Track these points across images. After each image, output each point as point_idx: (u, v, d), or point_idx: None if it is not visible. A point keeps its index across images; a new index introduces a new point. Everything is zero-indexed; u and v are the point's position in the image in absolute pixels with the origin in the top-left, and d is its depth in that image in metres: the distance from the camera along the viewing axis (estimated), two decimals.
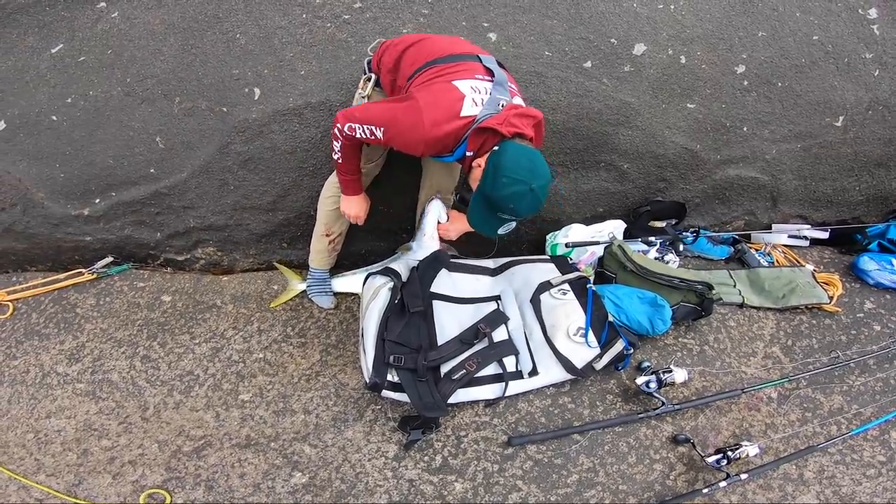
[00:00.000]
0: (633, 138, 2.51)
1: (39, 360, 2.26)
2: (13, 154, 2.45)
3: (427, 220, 2.22)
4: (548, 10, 2.36)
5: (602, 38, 2.38)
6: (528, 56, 2.34)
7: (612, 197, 2.67)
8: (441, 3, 2.31)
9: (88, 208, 2.50)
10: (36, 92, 2.42)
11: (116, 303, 2.48)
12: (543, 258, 2.33)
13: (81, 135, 2.41)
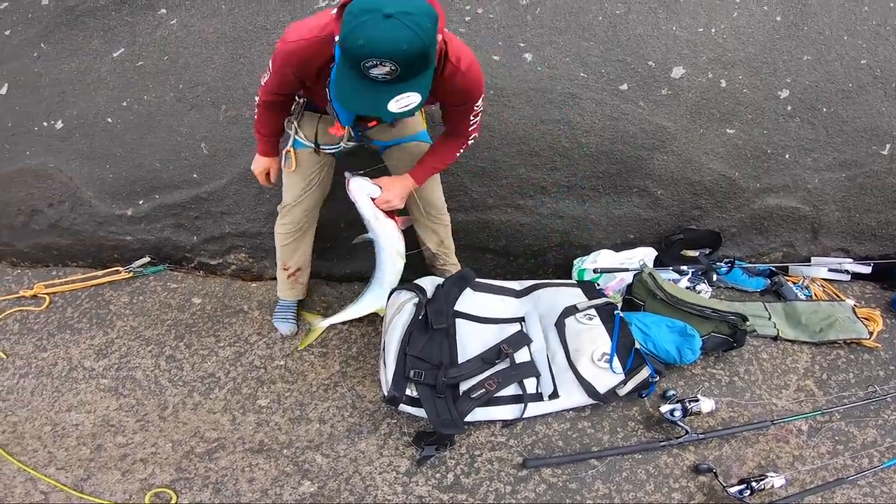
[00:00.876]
0: (669, 164, 2.45)
1: (68, 354, 2.33)
2: (67, 153, 2.58)
3: (361, 207, 1.97)
4: (584, 31, 2.36)
5: (639, 60, 2.36)
6: (563, 77, 2.33)
7: (644, 223, 2.61)
8: (478, 23, 2.33)
9: (132, 209, 2.60)
10: (95, 94, 2.55)
11: (149, 302, 2.55)
12: (570, 282, 2.31)
13: (133, 137, 2.52)
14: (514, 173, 2.43)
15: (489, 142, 2.37)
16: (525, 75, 2.32)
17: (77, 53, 2.58)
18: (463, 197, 2.47)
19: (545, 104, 2.34)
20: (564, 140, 2.38)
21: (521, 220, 2.53)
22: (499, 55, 2.32)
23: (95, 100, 2.54)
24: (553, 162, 2.42)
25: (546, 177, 2.45)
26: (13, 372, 2.27)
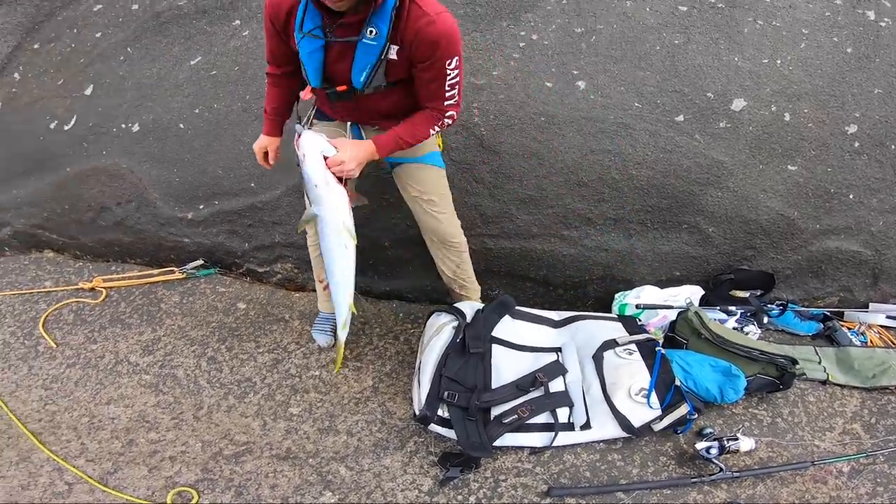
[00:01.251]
0: (723, 200, 2.37)
1: (116, 348, 2.44)
2: (140, 155, 2.75)
3: (309, 166, 1.66)
4: (641, 61, 2.34)
5: (698, 91, 2.31)
6: (616, 106, 2.32)
7: (692, 261, 2.52)
8: (532, 49, 2.36)
9: (192, 212, 2.72)
10: (171, 100, 2.72)
11: (198, 303, 2.65)
12: (610, 316, 2.29)
13: (201, 144, 2.66)
14: (560, 203, 2.41)
15: (537, 170, 2.36)
16: (577, 103, 2.32)
17: (159, 59, 2.77)
18: (507, 224, 2.46)
19: (596, 134, 2.32)
20: (614, 171, 2.35)
21: (563, 251, 2.49)
22: (552, 82, 2.33)
23: (171, 105, 2.71)
24: (601, 193, 2.38)
25: (593, 208, 2.41)
26: (61, 361, 2.39)
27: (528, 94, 2.33)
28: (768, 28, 2.35)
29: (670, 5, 2.38)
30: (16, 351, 2.47)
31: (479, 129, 2.35)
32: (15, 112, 3.05)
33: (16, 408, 2.17)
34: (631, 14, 2.37)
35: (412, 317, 2.55)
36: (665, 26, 2.36)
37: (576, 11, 2.39)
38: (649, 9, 2.38)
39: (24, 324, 2.61)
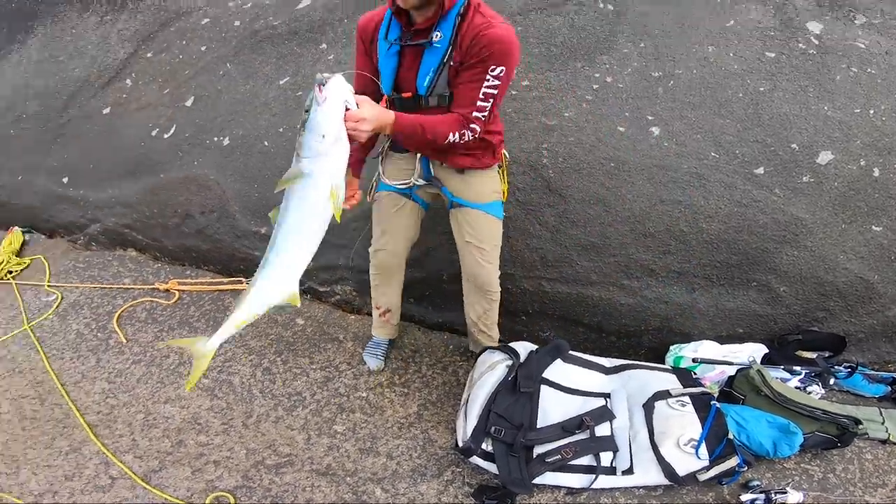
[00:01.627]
0: (798, 260, 2.27)
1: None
2: (227, 169, 2.96)
3: (329, 112, 1.44)
4: (721, 108, 2.30)
5: (781, 142, 2.25)
6: (691, 155, 2.28)
7: (757, 319, 2.41)
8: (606, 91, 2.38)
9: (266, 227, 2.88)
10: (260, 117, 2.93)
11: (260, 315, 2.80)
12: (664, 367, 2.27)
13: (282, 163, 2.81)
14: (623, 252, 2.38)
15: (602, 217, 2.35)
16: (650, 150, 2.30)
17: (253, 77, 3.00)
18: (567, 269, 2.45)
19: (668, 183, 2.29)
20: (683, 224, 2.30)
21: (621, 300, 2.45)
22: (624, 126, 2.33)
23: (259, 123, 2.92)
24: (667, 245, 2.34)
25: (657, 260, 2.36)
26: (128, 356, 2.58)
27: (599, 138, 2.33)
28: (862, 76, 2.27)
29: (756, 51, 2.34)
30: (88, 342, 2.69)
31: (546, 171, 2.38)
32: (123, 117, 3.39)
33: (77, 398, 2.35)
34: (713, 59, 2.35)
35: (461, 349, 2.58)
36: (749, 73, 2.32)
37: (654, 55, 2.40)
38: (733, 54, 2.35)
39: (100, 317, 2.86)
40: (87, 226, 3.53)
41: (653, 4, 2.49)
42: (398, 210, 2.10)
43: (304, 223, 1.57)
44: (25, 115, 3.83)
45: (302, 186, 1.51)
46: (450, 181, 2.00)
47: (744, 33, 2.38)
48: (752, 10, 2.42)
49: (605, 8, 2.51)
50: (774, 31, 2.37)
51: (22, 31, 4.06)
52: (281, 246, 1.59)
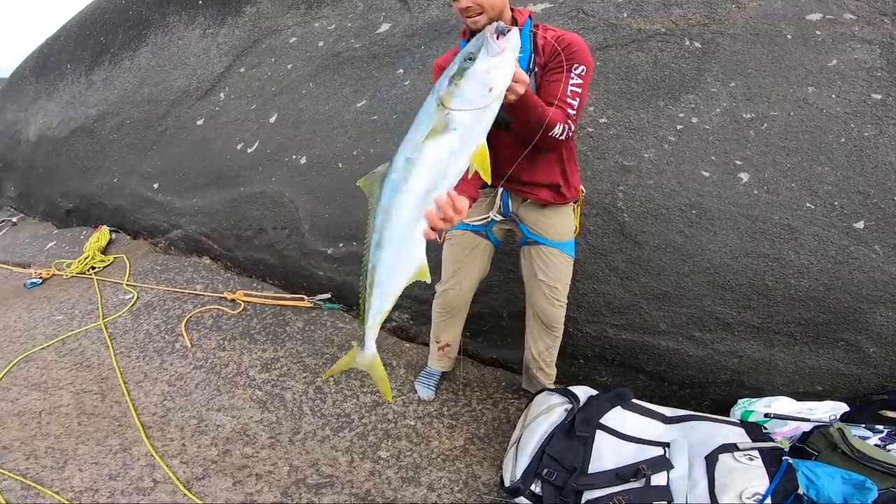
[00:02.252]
0: (894, 321, 2.11)
1: (240, 359, 2.72)
2: (302, 187, 3.10)
3: (503, 61, 1.30)
4: (820, 154, 2.18)
5: (885, 194, 2.10)
6: (783, 205, 2.17)
7: (841, 378, 2.25)
8: (690, 132, 2.30)
9: (332, 249, 2.99)
10: (336, 139, 3.05)
11: (318, 333, 2.90)
12: (731, 420, 2.15)
13: (352, 186, 2.91)
14: (697, 304, 2.28)
15: (679, 266, 2.27)
16: (737, 198, 2.21)
17: (332, 98, 3.14)
18: (634, 316, 2.38)
19: (755, 234, 2.19)
20: (769, 278, 2.18)
21: (690, 351, 2.34)
22: (709, 171, 2.25)
23: (335, 144, 3.04)
24: (748, 300, 2.22)
25: (734, 314, 2.25)
26: (190, 361, 2.71)
27: (681, 182, 2.26)
28: None
29: (861, 93, 2.22)
30: (155, 343, 2.86)
31: (621, 215, 2.32)
32: (214, 129, 3.65)
33: (137, 397, 2.48)
34: (812, 101, 2.24)
35: (514, 387, 2.54)
36: (853, 116, 2.20)
37: (745, 95, 2.31)
38: (835, 96, 2.23)
39: (170, 320, 3.05)
40: (169, 231, 3.81)
41: (746, 43, 2.40)
42: (473, 249, 2.14)
43: (441, 181, 1.35)
44: (129, 120, 4.20)
45: (447, 140, 1.31)
46: (528, 217, 2.04)
47: (848, 73, 2.26)
48: (857, 48, 2.30)
49: (691, 45, 2.45)
50: (881, 72, 2.24)
51: (135, 38, 4.47)
52: (402, 211, 1.38)
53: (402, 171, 1.36)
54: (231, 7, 3.88)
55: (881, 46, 2.28)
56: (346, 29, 3.24)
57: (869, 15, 2.36)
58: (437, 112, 1.31)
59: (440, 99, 1.31)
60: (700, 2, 2.51)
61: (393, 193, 1.38)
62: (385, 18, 3.10)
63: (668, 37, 2.48)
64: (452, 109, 1.30)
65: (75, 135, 4.78)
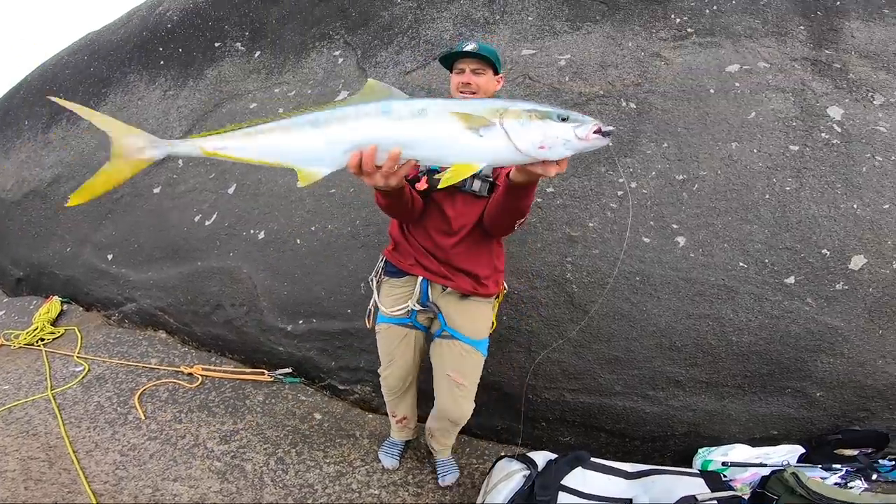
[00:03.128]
0: (835, 367, 2.24)
1: (198, 431, 2.69)
2: (260, 263, 3.11)
3: (573, 146, 1.29)
4: (748, 212, 2.31)
5: (811, 248, 2.25)
6: (719, 267, 2.29)
7: (793, 422, 2.37)
8: (631, 197, 2.43)
9: (292, 326, 2.99)
10: (294, 213, 3.07)
11: (279, 406, 2.90)
12: (691, 471, 2.20)
13: (311, 263, 2.94)
14: (648, 365, 2.37)
15: (627, 332, 2.36)
16: (676, 262, 2.32)
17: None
18: (589, 381, 2.45)
19: (695, 297, 2.30)
20: (712, 337, 2.29)
21: (646, 409, 2.43)
22: (649, 237, 2.37)
23: (293, 219, 3.06)
24: (694, 358, 2.33)
25: (683, 371, 2.35)
26: (144, 432, 2.67)
27: (624, 250, 2.37)
28: (888, 165, 2.28)
29: (780, 145, 2.37)
30: (107, 415, 2.80)
31: (570, 286, 2.42)
32: (171, 199, 3.62)
33: (87, 466, 2.41)
34: (737, 157, 2.38)
35: (478, 452, 2.59)
36: (775, 170, 2.34)
37: (677, 156, 2.45)
38: (757, 150, 2.38)
39: (123, 392, 2.99)
40: (124, 304, 3.76)
41: (675, 101, 2.56)
42: (402, 341, 2.16)
43: (413, 147, 1.32)
44: None
45: (465, 135, 1.29)
46: (448, 307, 2.04)
47: (766, 125, 2.43)
48: (773, 98, 2.47)
49: (627, 106, 2.60)
50: (797, 121, 2.41)
51: (95, 96, 4.45)
52: (359, 122, 1.33)
53: (408, 107, 1.31)
54: (193, 69, 3.94)
55: (794, 94, 2.46)
56: (306, 96, 3.32)
57: (780, 62, 2.55)
58: (488, 113, 1.30)
59: (503, 111, 1.30)
60: (633, 61, 2.69)
61: (379, 109, 1.31)
62: (344, 86, 3.20)
63: (606, 98, 2.63)
64: (501, 125, 1.29)
65: (28, 198, 4.70)
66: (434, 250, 1.98)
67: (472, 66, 1.94)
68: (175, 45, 4.15)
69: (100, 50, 4.72)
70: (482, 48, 1.94)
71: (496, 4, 3.06)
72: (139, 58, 4.34)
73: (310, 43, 3.51)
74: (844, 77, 2.52)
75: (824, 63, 2.56)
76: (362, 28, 3.34)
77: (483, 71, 1.95)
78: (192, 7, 4.11)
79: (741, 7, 2.76)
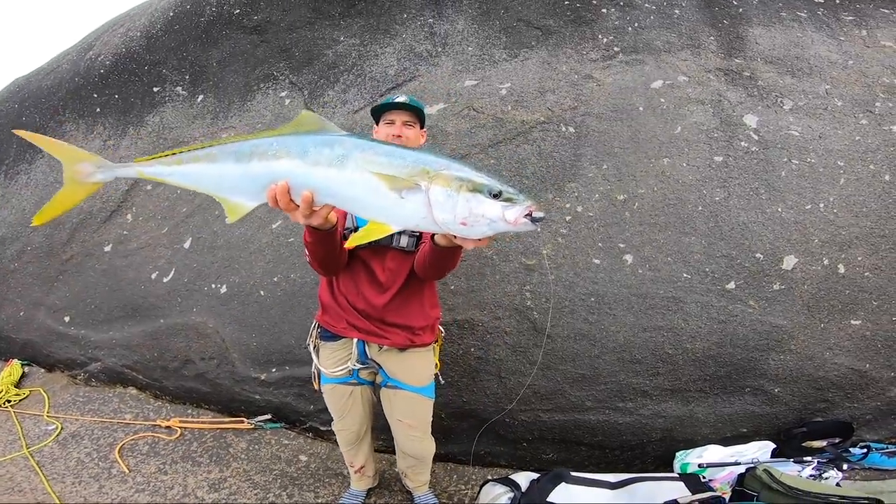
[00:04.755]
0: (786, 362, 2.36)
1: (185, 481, 2.64)
2: (225, 317, 3.01)
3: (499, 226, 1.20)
4: (685, 225, 2.39)
5: (746, 253, 2.35)
6: (665, 280, 2.37)
7: (759, 419, 2.48)
8: (578, 222, 2.50)
9: (265, 374, 2.93)
10: (255, 265, 2.98)
11: (263, 451, 2.87)
12: (671, 476, 2.26)
13: (277, 313, 2.88)
14: (613, 379, 2.44)
15: (589, 350, 2.42)
16: (626, 279, 2.40)
17: (246, 220, 3.05)
18: (561, 399, 2.51)
19: (647, 310, 2.37)
20: (668, 347, 2.38)
21: (619, 420, 2.50)
22: (599, 258, 2.44)
23: (254, 270, 2.98)
24: (655, 368, 2.40)
25: (647, 381, 2.43)
26: (131, 485, 2.61)
27: (577, 273, 2.44)
28: (804, 167, 2.39)
29: (705, 157, 2.46)
30: (89, 470, 2.72)
31: (531, 314, 2.47)
32: (123, 256, 3.46)
33: None
34: (669, 173, 2.47)
35: (465, 478, 2.63)
36: (704, 182, 2.43)
37: (616, 176, 2.52)
38: (686, 164, 2.47)
39: (101, 448, 2.90)
40: (87, 364, 3.60)
41: (609, 121, 2.62)
42: (349, 398, 2.14)
43: (327, 194, 1.26)
44: (30, 247, 3.92)
45: (384, 194, 1.19)
46: (388, 363, 2.02)
47: (691, 139, 2.52)
48: (695, 111, 2.56)
49: (566, 131, 2.66)
50: (717, 132, 2.51)
51: (30, 148, 4.19)
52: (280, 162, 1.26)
53: (327, 152, 1.22)
54: (132, 116, 3.77)
55: (712, 105, 2.55)
56: None
57: (697, 74, 2.64)
58: (417, 174, 1.17)
59: (433, 174, 1.17)
60: (567, 84, 2.74)
61: (299, 149, 1.24)
62: None
63: (547, 125, 2.68)
64: (427, 191, 1.17)
65: None
66: (366, 309, 1.94)
67: (403, 118, 1.92)
68: (111, 92, 3.95)
69: (30, 97, 4.44)
70: (412, 101, 1.94)
71: (437, 37, 3.07)
72: (73, 105, 4.11)
73: (254, 84, 3.43)
74: (755, 84, 2.63)
75: (735, 72, 2.66)
76: (307, 67, 3.29)
77: (413, 124, 1.95)
78: (125, 51, 3.92)
79: (658, 22, 2.83)
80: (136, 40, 3.87)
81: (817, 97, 2.59)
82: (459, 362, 2.56)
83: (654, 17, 2.87)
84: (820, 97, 2.60)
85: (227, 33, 3.56)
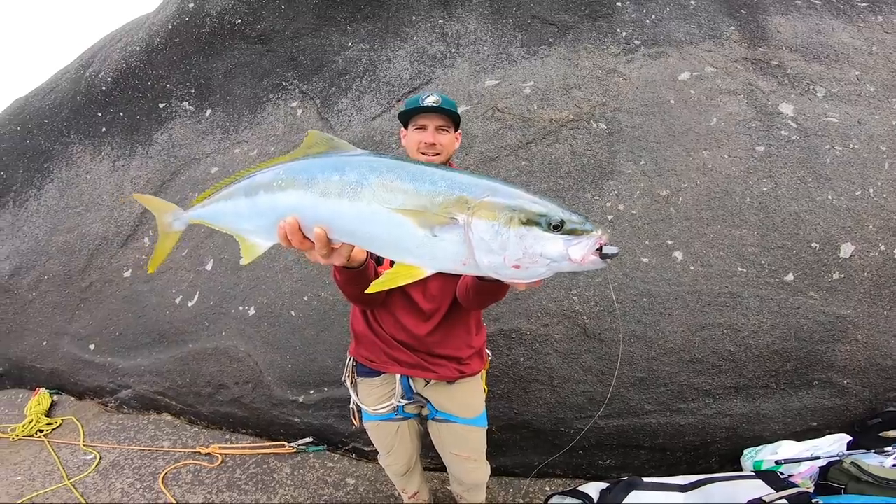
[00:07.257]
0: (854, 353, 2.22)
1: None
2: (256, 339, 2.85)
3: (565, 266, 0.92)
4: (734, 218, 2.26)
5: (801, 243, 2.22)
6: (719, 275, 2.23)
7: (829, 411, 2.33)
8: (621, 220, 2.34)
9: (303, 396, 2.78)
10: (282, 284, 2.81)
11: (308, 476, 2.72)
12: (745, 474, 2.16)
13: (311, 333, 2.71)
14: (673, 381, 2.30)
15: (646, 352, 2.28)
16: (678, 277, 2.25)
17: None
18: (619, 405, 2.37)
19: (704, 307, 2.23)
20: (729, 344, 2.24)
21: (681, 421, 2.37)
22: (647, 257, 2.29)
23: (282, 290, 2.80)
24: (717, 367, 2.27)
25: (710, 381, 2.29)
26: None
27: (626, 274, 2.29)
28: (849, 153, 2.27)
29: (746, 148, 2.34)
30: (135, 500, 2.60)
31: (581, 318, 2.32)
32: (144, 282, 3.29)
33: None
34: (711, 165, 2.34)
35: (522, 492, 2.49)
36: (748, 173, 2.30)
37: (656, 172, 2.37)
38: (727, 155, 2.34)
39: (144, 477, 2.78)
40: (118, 391, 3.45)
41: (641, 116, 2.49)
42: (395, 434, 1.91)
43: (346, 232, 0.99)
44: (47, 276, 3.74)
45: (413, 232, 0.91)
46: (436, 396, 1.80)
47: (729, 130, 2.39)
48: (728, 102, 2.44)
49: (598, 128, 2.51)
50: (755, 122, 2.39)
51: (38, 173, 3.99)
52: (294, 195, 1.01)
53: (337, 180, 0.95)
54: (139, 134, 3.58)
55: (745, 95, 2.43)
56: (270, 154, 3.05)
57: (724, 64, 2.52)
58: (452, 204, 0.89)
59: (469, 199, 0.89)
60: (593, 80, 2.60)
61: (306, 176, 0.99)
62: None
63: (577, 122, 2.53)
64: (467, 226, 0.88)
65: None
66: (408, 340, 1.70)
67: (436, 122, 1.63)
68: (115, 109, 3.75)
69: (32, 119, 4.21)
70: (446, 102, 1.63)
71: (449, 38, 2.87)
72: (77, 125, 3.91)
73: (263, 95, 3.22)
74: (784, 73, 2.51)
75: (762, 61, 2.55)
76: (316, 75, 3.08)
77: (447, 128, 1.65)
78: (126, 67, 3.70)
79: (675, 14, 2.72)
80: (136, 55, 3.66)
81: (849, 83, 2.47)
82: (509, 373, 2.40)
83: (670, 9, 2.74)
84: (852, 83, 2.47)
85: (230, 44, 3.34)
